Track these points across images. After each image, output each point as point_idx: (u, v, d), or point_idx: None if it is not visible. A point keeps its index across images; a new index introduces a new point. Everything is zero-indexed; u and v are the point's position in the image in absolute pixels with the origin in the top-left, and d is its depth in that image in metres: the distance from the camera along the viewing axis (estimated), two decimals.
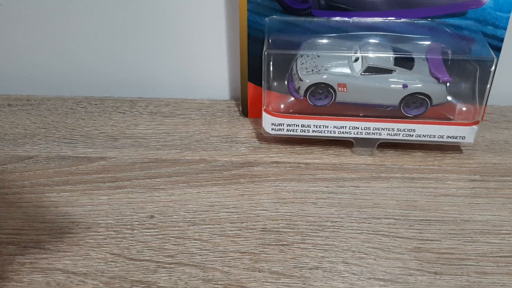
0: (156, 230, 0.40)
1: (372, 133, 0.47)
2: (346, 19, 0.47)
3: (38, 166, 0.47)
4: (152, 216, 0.41)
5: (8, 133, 0.51)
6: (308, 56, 0.47)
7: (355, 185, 0.45)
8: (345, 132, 0.47)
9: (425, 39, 0.47)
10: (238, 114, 0.54)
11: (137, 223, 0.41)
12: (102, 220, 0.41)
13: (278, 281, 0.36)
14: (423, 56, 0.46)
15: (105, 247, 0.39)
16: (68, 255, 0.39)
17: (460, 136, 0.46)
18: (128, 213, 0.42)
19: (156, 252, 0.39)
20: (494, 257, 0.38)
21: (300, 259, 0.38)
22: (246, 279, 0.36)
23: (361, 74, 0.45)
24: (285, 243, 0.39)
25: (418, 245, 0.39)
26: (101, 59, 0.56)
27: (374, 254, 0.38)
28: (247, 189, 0.44)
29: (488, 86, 0.45)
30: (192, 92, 0.57)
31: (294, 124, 0.47)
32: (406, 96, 0.46)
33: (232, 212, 0.42)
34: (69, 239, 0.40)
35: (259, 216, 0.42)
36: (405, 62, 0.45)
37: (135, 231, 0.40)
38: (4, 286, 0.36)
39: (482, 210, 0.42)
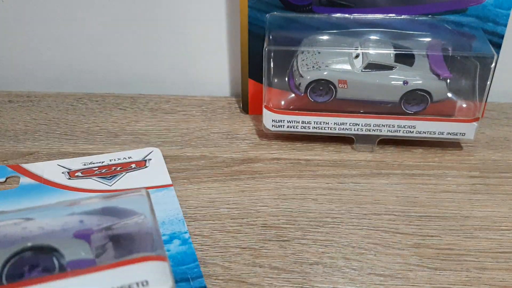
0: None
1: (373, 129, 0.47)
2: (346, 15, 0.47)
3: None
4: None
5: (9, 129, 0.51)
6: (308, 53, 0.47)
7: (355, 181, 0.45)
8: (346, 128, 0.47)
9: (426, 36, 0.47)
10: (239, 110, 0.54)
11: None
12: None
13: (278, 276, 0.36)
14: (424, 53, 0.46)
15: None
16: None
17: (460, 133, 0.46)
18: None
19: None
20: (494, 253, 0.38)
21: (301, 254, 0.38)
22: (246, 275, 0.37)
23: (361, 71, 0.45)
24: (285, 238, 0.39)
25: (418, 241, 0.39)
26: (101, 56, 0.56)
27: (374, 249, 0.38)
28: (248, 185, 0.44)
29: (488, 82, 0.45)
30: (193, 88, 0.57)
31: (294, 121, 0.47)
32: (407, 92, 0.46)
33: (232, 208, 0.42)
34: None
35: (259, 212, 0.42)
36: (405, 58, 0.45)
37: None
38: None
39: (482, 206, 0.42)
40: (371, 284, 0.36)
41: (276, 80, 0.48)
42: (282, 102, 0.49)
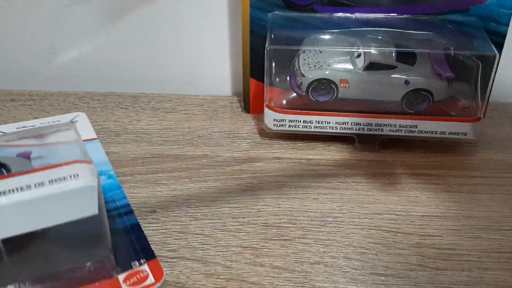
0: (158, 225, 0.40)
1: (374, 129, 0.47)
2: (348, 15, 0.47)
3: None
4: (154, 211, 0.42)
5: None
6: (310, 52, 0.47)
7: (356, 181, 0.45)
8: (347, 128, 0.47)
9: (428, 35, 0.47)
10: (240, 110, 0.54)
11: (139, 218, 0.41)
12: None
13: (279, 275, 0.36)
14: (426, 52, 0.46)
15: None
16: None
17: (462, 133, 0.46)
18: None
19: (159, 247, 0.39)
20: (495, 253, 0.38)
21: (302, 254, 0.38)
22: (247, 274, 0.37)
23: (363, 70, 0.45)
24: (286, 238, 0.39)
25: (420, 240, 0.39)
26: (103, 55, 0.57)
27: (376, 249, 0.38)
28: (249, 184, 0.44)
29: (490, 82, 0.45)
30: (194, 87, 0.57)
31: (296, 120, 0.47)
32: (408, 92, 0.46)
33: (233, 207, 0.42)
34: None
35: (260, 211, 0.42)
36: (407, 58, 0.45)
37: None
38: None
39: (484, 206, 0.42)
40: (372, 284, 0.36)
41: (277, 80, 0.48)
42: (284, 102, 0.49)
